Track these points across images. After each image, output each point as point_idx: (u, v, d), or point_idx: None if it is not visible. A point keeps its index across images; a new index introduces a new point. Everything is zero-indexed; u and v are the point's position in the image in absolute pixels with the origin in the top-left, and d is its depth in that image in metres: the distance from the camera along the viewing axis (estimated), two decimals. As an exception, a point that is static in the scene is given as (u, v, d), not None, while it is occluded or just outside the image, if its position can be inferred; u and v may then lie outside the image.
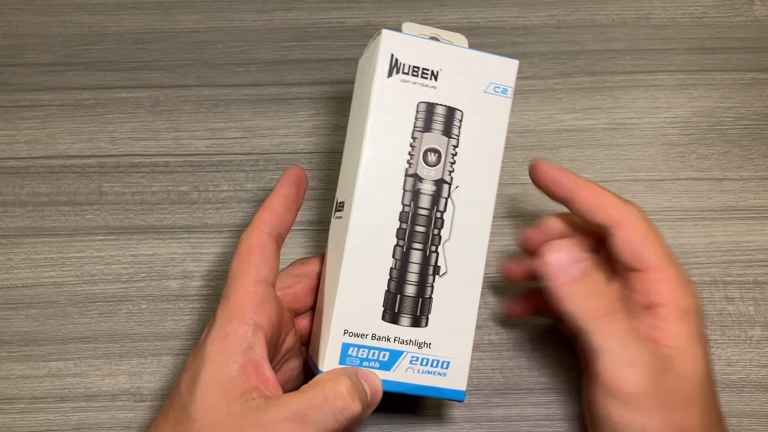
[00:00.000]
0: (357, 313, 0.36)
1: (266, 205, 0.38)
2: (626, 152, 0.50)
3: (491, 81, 0.37)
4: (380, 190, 0.36)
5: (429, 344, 0.37)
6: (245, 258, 0.36)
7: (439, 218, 0.37)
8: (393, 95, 0.36)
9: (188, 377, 0.34)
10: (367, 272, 0.36)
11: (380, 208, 0.36)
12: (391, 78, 0.36)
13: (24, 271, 0.47)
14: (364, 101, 0.37)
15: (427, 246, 0.36)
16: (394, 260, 0.36)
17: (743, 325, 0.46)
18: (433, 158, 0.36)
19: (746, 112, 0.51)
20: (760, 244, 0.48)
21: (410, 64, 0.36)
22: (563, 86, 0.51)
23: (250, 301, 0.35)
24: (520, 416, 0.44)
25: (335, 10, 0.54)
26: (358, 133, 0.37)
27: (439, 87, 0.37)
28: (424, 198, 0.36)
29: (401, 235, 0.36)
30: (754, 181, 0.49)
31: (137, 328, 0.45)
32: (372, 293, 0.36)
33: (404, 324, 0.36)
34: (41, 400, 0.44)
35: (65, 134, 0.50)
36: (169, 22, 0.53)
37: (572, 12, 0.54)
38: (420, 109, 0.36)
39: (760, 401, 0.44)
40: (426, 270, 0.36)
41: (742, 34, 0.53)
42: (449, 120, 0.37)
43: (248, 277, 0.35)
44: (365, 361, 0.36)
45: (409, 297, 0.36)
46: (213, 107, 0.51)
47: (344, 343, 0.35)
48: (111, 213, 0.48)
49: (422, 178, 0.36)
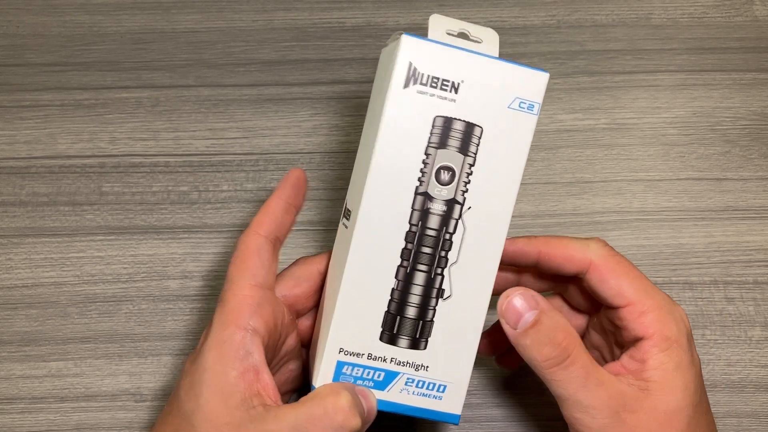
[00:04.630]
0: (354, 331, 0.35)
1: (264, 207, 0.37)
2: (626, 152, 0.50)
3: (517, 95, 0.35)
4: (387, 207, 0.34)
5: (426, 367, 0.36)
6: (241, 261, 0.36)
7: (447, 240, 0.35)
8: (408, 107, 0.34)
9: (187, 384, 0.34)
10: (368, 291, 0.34)
11: (386, 226, 0.34)
12: (408, 89, 0.33)
13: (24, 271, 0.47)
14: (377, 109, 0.35)
15: (433, 268, 0.35)
16: (396, 281, 0.35)
17: (743, 325, 0.46)
18: (446, 177, 0.34)
19: (746, 112, 0.51)
20: (760, 244, 0.48)
21: (429, 75, 0.34)
22: (563, 86, 0.51)
23: (247, 305, 0.34)
24: (520, 416, 0.44)
25: (335, 10, 0.54)
26: (369, 141, 0.35)
27: (458, 100, 0.34)
28: (433, 218, 0.34)
29: (406, 255, 0.34)
30: (754, 181, 0.49)
31: (137, 328, 0.45)
32: (371, 312, 0.35)
33: (402, 345, 0.35)
34: (41, 400, 0.44)
35: (65, 134, 0.50)
36: (169, 22, 0.53)
37: (572, 12, 0.54)
38: (436, 124, 0.34)
39: (760, 401, 0.44)
40: (429, 293, 0.35)
41: (742, 34, 0.53)
42: (467, 136, 0.34)
43: (244, 281, 0.35)
44: (359, 380, 0.35)
45: (410, 319, 0.35)
46: (213, 107, 0.51)
47: (339, 361, 0.35)
48: (111, 213, 0.48)
49: (433, 198, 0.34)
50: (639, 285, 0.36)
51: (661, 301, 0.36)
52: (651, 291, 0.36)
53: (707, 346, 0.45)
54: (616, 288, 0.36)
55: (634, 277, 0.36)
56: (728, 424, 0.43)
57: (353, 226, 0.34)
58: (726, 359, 0.45)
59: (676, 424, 0.34)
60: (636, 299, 0.36)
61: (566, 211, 0.49)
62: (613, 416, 0.34)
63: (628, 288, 0.36)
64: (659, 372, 0.35)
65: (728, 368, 0.45)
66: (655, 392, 0.34)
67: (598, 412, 0.34)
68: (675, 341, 0.35)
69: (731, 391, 0.44)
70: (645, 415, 0.34)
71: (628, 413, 0.34)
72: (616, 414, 0.34)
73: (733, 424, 0.44)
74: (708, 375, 0.45)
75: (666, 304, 0.36)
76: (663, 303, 0.36)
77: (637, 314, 0.36)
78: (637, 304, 0.36)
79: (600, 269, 0.36)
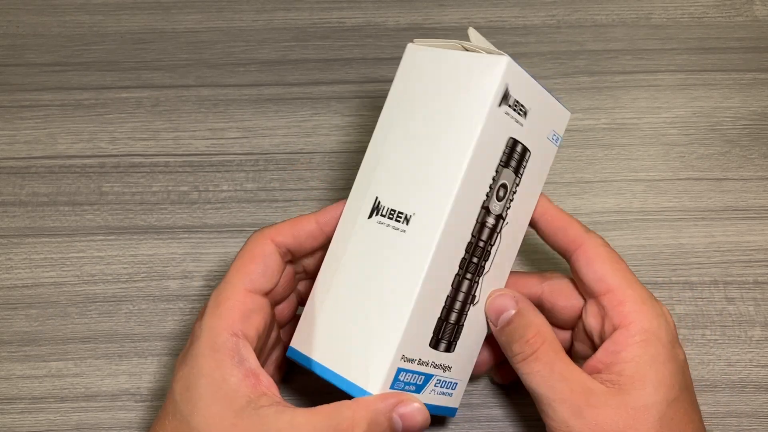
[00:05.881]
0: (416, 338, 0.35)
1: (292, 219, 0.37)
2: (626, 152, 0.50)
3: (553, 128, 0.38)
4: (463, 218, 0.35)
5: (450, 368, 0.37)
6: (243, 264, 0.35)
7: (488, 251, 0.37)
8: (495, 125, 0.35)
9: (182, 388, 0.33)
10: (433, 299, 0.35)
11: (458, 237, 0.35)
12: (500, 108, 0.35)
13: (24, 271, 0.47)
14: (459, 118, 0.35)
15: (474, 276, 0.37)
16: (451, 288, 0.36)
17: (743, 325, 0.46)
18: (502, 193, 0.36)
19: (746, 112, 0.51)
20: (760, 244, 0.48)
21: (516, 99, 0.35)
22: (563, 86, 0.51)
23: (240, 312, 0.34)
24: (520, 416, 0.44)
25: (335, 10, 0.54)
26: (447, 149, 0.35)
27: (525, 125, 0.36)
28: (485, 231, 0.36)
29: (463, 265, 0.36)
30: (754, 181, 0.49)
31: (137, 328, 0.45)
32: (430, 319, 0.35)
33: (441, 349, 0.36)
34: (41, 400, 0.44)
35: (65, 134, 0.50)
36: (169, 22, 0.53)
37: (572, 12, 0.54)
38: (508, 144, 0.36)
39: (760, 401, 0.44)
40: (467, 299, 0.37)
41: (742, 34, 0.53)
42: (521, 159, 0.37)
43: (241, 286, 0.35)
44: (407, 385, 0.35)
45: (451, 324, 0.36)
46: (213, 107, 0.51)
47: (399, 368, 0.35)
48: (111, 213, 0.48)
49: (490, 212, 0.36)
50: (623, 276, 0.37)
51: (643, 295, 0.36)
52: (634, 284, 0.36)
53: (707, 346, 0.45)
54: (600, 272, 0.37)
55: (620, 269, 0.37)
56: (728, 424, 0.43)
57: (430, 234, 0.34)
58: (726, 359, 0.45)
59: (645, 420, 0.34)
60: (617, 287, 0.36)
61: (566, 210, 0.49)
62: (574, 411, 0.34)
63: (611, 276, 0.36)
64: (632, 365, 0.35)
65: (728, 368, 0.45)
66: (625, 387, 0.34)
67: (559, 405, 0.34)
68: (653, 334, 0.35)
69: (731, 391, 0.44)
70: (610, 411, 0.34)
71: (592, 408, 0.34)
72: (578, 409, 0.34)
73: (733, 424, 0.44)
74: (708, 375, 0.45)
75: (648, 299, 0.36)
76: (645, 297, 0.36)
77: (617, 302, 0.36)
78: (617, 291, 0.36)
79: (589, 252, 0.37)
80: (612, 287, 0.36)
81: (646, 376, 0.34)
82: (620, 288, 0.36)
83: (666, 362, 0.35)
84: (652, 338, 0.35)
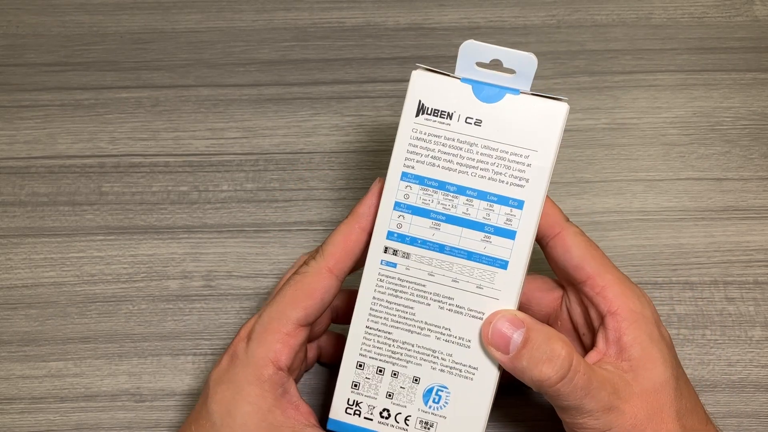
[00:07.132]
0: None
1: (343, 236, 0.36)
2: (626, 152, 0.50)
3: None
4: None
5: None
6: (300, 298, 0.35)
7: None
8: None
9: (223, 411, 0.34)
10: None
11: None
12: None
13: (24, 271, 0.47)
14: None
15: None
16: None
17: (743, 325, 0.46)
18: None
19: (746, 112, 0.51)
20: (760, 244, 0.48)
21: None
22: (563, 86, 0.51)
23: (289, 348, 0.35)
24: (520, 416, 0.44)
25: (335, 10, 0.54)
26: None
27: None
28: None
29: None
30: (754, 181, 0.49)
31: (137, 328, 0.45)
32: None
33: None
34: (41, 400, 0.44)
35: (65, 134, 0.50)
36: (169, 22, 0.53)
37: (572, 12, 0.54)
38: None
39: (760, 401, 0.44)
40: None
41: (742, 34, 0.53)
42: None
43: (294, 319, 0.35)
44: None
45: None
46: (213, 107, 0.51)
47: None
48: (111, 213, 0.48)
49: None
50: (601, 262, 0.36)
51: (621, 278, 0.36)
52: (612, 269, 0.36)
53: (707, 346, 0.45)
54: (578, 259, 0.36)
55: (597, 255, 0.36)
56: (728, 424, 0.43)
57: None
58: (726, 359, 0.45)
59: (665, 397, 0.34)
60: (595, 273, 0.36)
61: (566, 211, 0.48)
62: (613, 411, 0.34)
63: (590, 262, 0.36)
64: (637, 348, 0.35)
65: (728, 368, 0.45)
66: (638, 371, 0.34)
67: (601, 412, 0.33)
68: (640, 314, 0.35)
69: (731, 391, 0.44)
70: (638, 400, 0.34)
71: (623, 402, 0.34)
72: (615, 408, 0.34)
73: (733, 424, 0.44)
74: (708, 375, 0.45)
75: (627, 281, 0.36)
76: (624, 280, 0.36)
77: (599, 288, 0.36)
78: (596, 278, 0.36)
79: (566, 240, 0.36)
80: (591, 274, 0.36)
81: (652, 355, 0.35)
82: (599, 274, 0.36)
83: (659, 340, 0.35)
84: (640, 318, 0.35)
